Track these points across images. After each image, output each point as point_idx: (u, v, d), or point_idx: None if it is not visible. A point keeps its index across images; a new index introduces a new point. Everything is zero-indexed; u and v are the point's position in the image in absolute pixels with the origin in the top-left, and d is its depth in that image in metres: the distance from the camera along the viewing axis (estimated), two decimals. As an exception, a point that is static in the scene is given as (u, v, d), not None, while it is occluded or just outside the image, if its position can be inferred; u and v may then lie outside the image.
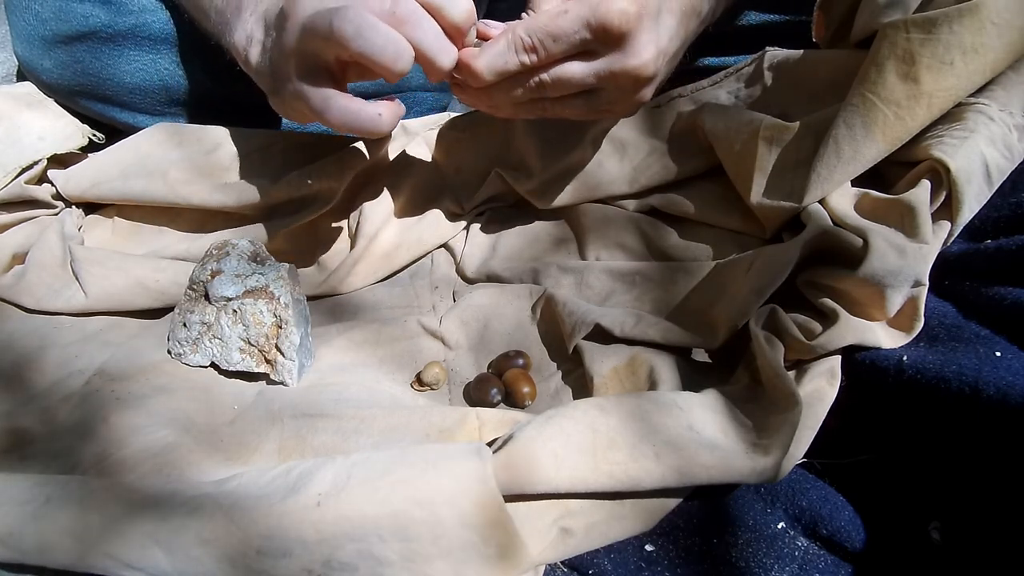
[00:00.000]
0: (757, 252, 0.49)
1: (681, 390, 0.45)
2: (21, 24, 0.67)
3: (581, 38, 0.45)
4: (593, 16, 0.44)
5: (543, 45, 0.45)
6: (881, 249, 0.42)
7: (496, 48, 0.45)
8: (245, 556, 0.35)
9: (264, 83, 0.52)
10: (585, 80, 0.47)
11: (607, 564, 0.40)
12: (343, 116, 0.46)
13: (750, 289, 0.46)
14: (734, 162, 0.54)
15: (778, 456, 0.38)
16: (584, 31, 0.44)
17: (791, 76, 0.56)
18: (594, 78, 0.47)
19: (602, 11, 0.44)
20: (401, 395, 0.49)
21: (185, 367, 0.50)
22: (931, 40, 0.43)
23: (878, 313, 0.43)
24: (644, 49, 0.46)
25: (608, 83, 0.47)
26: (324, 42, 0.44)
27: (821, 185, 0.48)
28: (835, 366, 0.42)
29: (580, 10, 0.44)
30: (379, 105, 0.46)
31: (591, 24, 0.44)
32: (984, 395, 0.36)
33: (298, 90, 0.47)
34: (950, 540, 0.38)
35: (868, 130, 0.46)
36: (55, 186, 0.65)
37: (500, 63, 0.46)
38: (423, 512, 0.36)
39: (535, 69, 0.46)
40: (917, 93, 0.44)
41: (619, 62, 0.46)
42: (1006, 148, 0.44)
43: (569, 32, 0.44)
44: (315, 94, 0.46)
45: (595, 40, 0.45)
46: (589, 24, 0.44)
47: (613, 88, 0.48)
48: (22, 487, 0.39)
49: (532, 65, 0.46)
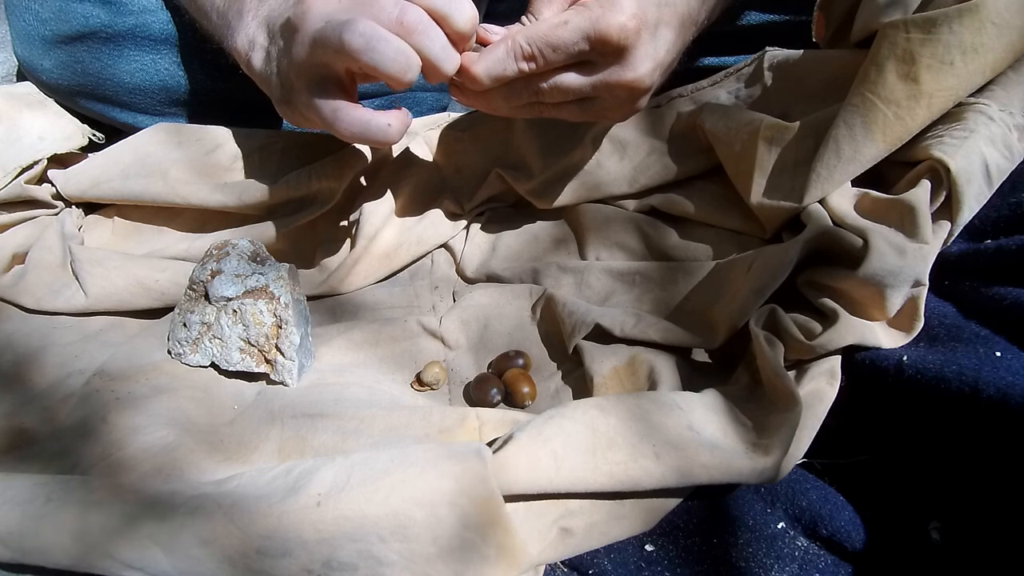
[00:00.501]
0: (757, 252, 0.49)
1: (681, 390, 0.45)
2: (21, 24, 0.67)
3: (580, 49, 0.45)
4: (593, 29, 0.44)
5: (542, 54, 0.45)
6: (881, 249, 0.42)
7: (495, 55, 0.46)
8: (245, 556, 0.35)
9: (270, 90, 0.52)
10: (582, 90, 0.48)
11: (607, 564, 0.40)
12: (353, 127, 0.46)
13: (750, 289, 0.46)
14: (734, 162, 0.54)
15: (778, 456, 0.38)
16: (583, 43, 0.45)
17: (791, 76, 0.56)
18: (591, 88, 0.47)
19: (602, 25, 0.44)
20: (401, 395, 0.49)
21: (185, 367, 0.50)
22: (931, 40, 0.43)
23: (878, 313, 0.43)
24: (641, 63, 0.46)
25: (604, 93, 0.48)
26: (334, 55, 0.44)
27: (821, 185, 0.48)
28: (835, 366, 0.42)
29: (580, 22, 0.44)
30: (388, 115, 0.47)
31: (591, 37, 0.44)
32: (984, 395, 0.36)
33: (308, 101, 0.47)
34: (950, 540, 0.38)
35: (868, 130, 0.46)
36: (55, 186, 0.65)
37: (499, 70, 0.46)
38: (423, 512, 0.36)
39: (533, 76, 0.47)
40: (917, 93, 0.44)
41: (616, 74, 0.47)
42: (1006, 148, 0.44)
43: (568, 43, 0.45)
44: (325, 105, 0.47)
45: (594, 52, 0.45)
46: (589, 37, 0.44)
47: (608, 97, 0.49)
48: (22, 487, 0.39)
49: (530, 73, 0.46)
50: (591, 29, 0.44)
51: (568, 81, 0.47)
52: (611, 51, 0.45)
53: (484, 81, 0.46)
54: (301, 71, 0.47)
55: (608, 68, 0.47)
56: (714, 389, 0.43)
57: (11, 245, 0.62)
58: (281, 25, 0.48)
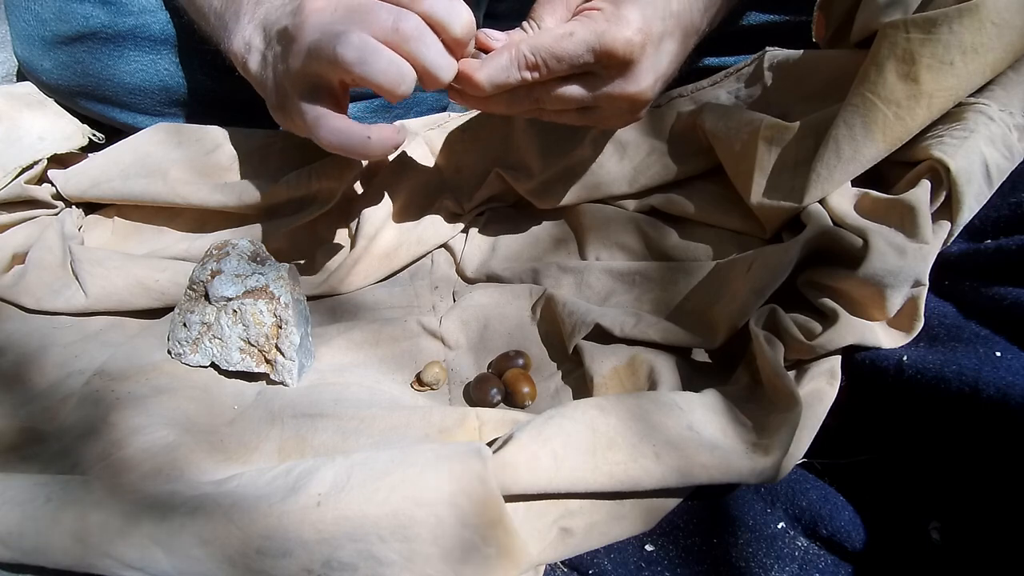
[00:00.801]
0: (757, 252, 0.49)
1: (681, 390, 0.45)
2: (21, 25, 0.67)
3: (584, 62, 0.45)
4: (599, 43, 0.44)
5: (546, 64, 0.45)
6: (881, 249, 0.42)
7: (498, 62, 0.46)
8: (245, 556, 0.36)
9: (265, 94, 0.52)
10: (583, 100, 0.48)
11: (607, 564, 0.40)
12: (331, 136, 0.46)
13: (750, 289, 0.46)
14: (734, 162, 0.54)
15: (778, 456, 0.38)
16: (588, 55, 0.45)
17: (791, 76, 0.56)
18: (592, 99, 0.48)
19: (608, 39, 0.44)
20: (401, 395, 0.49)
21: (185, 367, 0.50)
22: (931, 40, 0.43)
23: (878, 313, 0.43)
24: (644, 77, 0.47)
25: (605, 104, 0.48)
26: (328, 66, 0.44)
27: (821, 185, 0.48)
28: (835, 366, 0.42)
29: (586, 35, 0.44)
30: (373, 128, 0.46)
31: (596, 50, 0.45)
32: (984, 395, 0.36)
33: (296, 107, 0.47)
34: (950, 540, 0.38)
35: (868, 130, 0.46)
36: (55, 186, 0.65)
37: (502, 77, 0.46)
38: (423, 512, 0.36)
39: (535, 85, 0.47)
40: (917, 93, 0.44)
41: (619, 87, 0.47)
42: (1006, 148, 0.44)
43: (573, 55, 0.45)
44: (309, 111, 0.47)
45: (598, 64, 0.46)
46: (594, 50, 0.45)
47: (609, 107, 0.49)
48: (22, 487, 0.39)
49: (533, 81, 0.46)
50: (597, 43, 0.44)
51: (570, 92, 0.47)
52: (615, 64, 0.46)
53: (486, 88, 0.46)
54: (295, 80, 0.47)
55: (612, 81, 0.47)
56: (714, 389, 0.43)
57: (11, 245, 0.62)
58: (278, 31, 0.48)
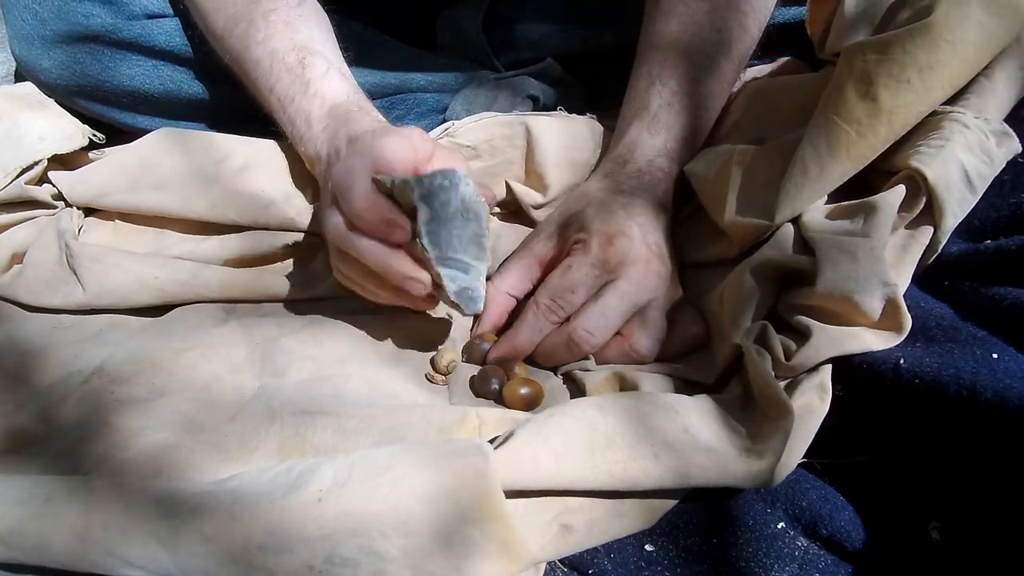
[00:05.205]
0: (723, 283, 0.49)
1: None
2: (19, 24, 0.67)
3: (594, 277, 0.50)
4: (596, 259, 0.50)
5: (566, 300, 0.50)
6: (832, 258, 0.43)
7: (527, 322, 0.51)
8: (247, 552, 0.35)
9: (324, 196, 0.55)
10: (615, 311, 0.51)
11: (607, 564, 0.40)
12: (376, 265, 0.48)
13: (731, 322, 0.46)
14: (709, 188, 0.54)
15: (772, 461, 0.38)
16: (593, 271, 0.50)
17: (766, 103, 0.57)
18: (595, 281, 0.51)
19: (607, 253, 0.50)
20: (401, 391, 0.49)
21: (184, 366, 0.50)
22: (886, 60, 0.45)
23: (861, 319, 0.42)
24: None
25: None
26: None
27: (791, 203, 0.48)
28: (825, 380, 0.42)
29: (583, 259, 0.50)
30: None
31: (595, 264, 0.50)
32: (982, 399, 0.36)
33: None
34: (950, 540, 0.38)
35: (832, 149, 0.46)
36: (56, 187, 0.65)
37: (536, 334, 0.51)
38: (424, 507, 0.36)
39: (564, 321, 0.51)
40: (876, 111, 0.45)
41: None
42: (984, 153, 0.44)
43: (582, 281, 0.50)
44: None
45: (604, 273, 0.50)
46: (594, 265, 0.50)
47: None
48: (22, 487, 0.39)
49: (561, 320, 0.51)
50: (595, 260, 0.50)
51: (606, 311, 0.50)
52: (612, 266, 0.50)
53: (528, 348, 0.52)
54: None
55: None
56: (707, 395, 0.43)
57: (11, 245, 0.62)
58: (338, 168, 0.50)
